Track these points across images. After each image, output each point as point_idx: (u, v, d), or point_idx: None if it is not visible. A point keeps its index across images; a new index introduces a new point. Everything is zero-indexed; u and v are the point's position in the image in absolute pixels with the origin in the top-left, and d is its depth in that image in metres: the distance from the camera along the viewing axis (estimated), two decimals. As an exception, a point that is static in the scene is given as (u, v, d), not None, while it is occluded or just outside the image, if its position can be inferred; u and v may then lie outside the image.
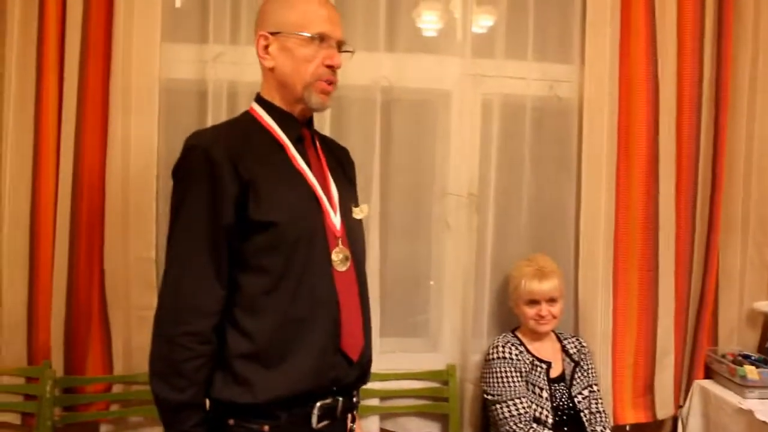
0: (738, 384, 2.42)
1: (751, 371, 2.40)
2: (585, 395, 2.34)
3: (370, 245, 2.33)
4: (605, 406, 2.41)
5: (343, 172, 1.74)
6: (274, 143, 1.57)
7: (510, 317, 2.49)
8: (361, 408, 1.79)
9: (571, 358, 2.38)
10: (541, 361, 2.33)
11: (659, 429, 2.67)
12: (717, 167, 2.55)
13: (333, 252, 1.55)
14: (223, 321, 1.50)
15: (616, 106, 2.47)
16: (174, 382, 1.44)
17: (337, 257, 1.55)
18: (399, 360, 2.49)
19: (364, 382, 1.68)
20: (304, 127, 1.62)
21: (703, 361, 2.61)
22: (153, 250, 2.24)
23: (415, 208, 2.52)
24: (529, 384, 2.29)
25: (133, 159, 2.22)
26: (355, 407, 1.67)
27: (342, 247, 1.57)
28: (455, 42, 2.47)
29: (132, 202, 2.22)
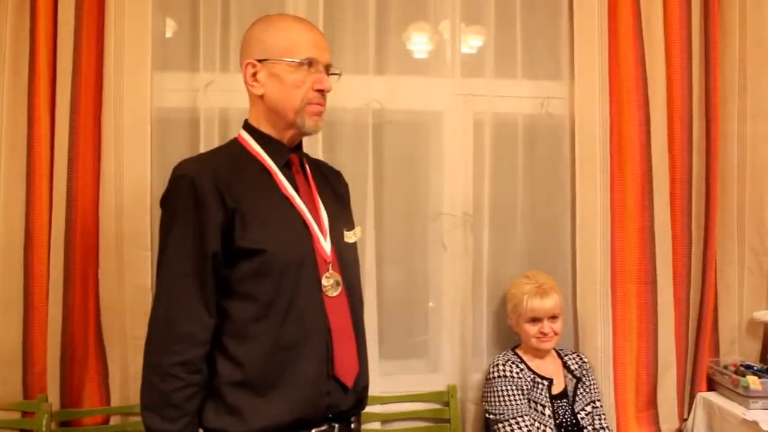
0: (741, 395, 2.40)
1: (754, 381, 2.38)
2: (588, 411, 2.32)
3: (366, 268, 2.33)
4: (608, 421, 2.39)
5: (335, 195, 1.74)
6: (261, 170, 1.57)
7: (509, 335, 2.47)
8: (362, 432, 1.78)
9: (573, 374, 2.37)
10: (543, 378, 2.31)
11: (664, 443, 2.65)
12: (710, 177, 2.55)
13: (323, 277, 1.54)
14: (213, 349, 1.49)
15: (608, 121, 2.48)
16: (165, 413, 1.43)
17: (328, 282, 1.55)
18: (399, 382, 2.47)
19: (361, 409, 1.66)
20: (292, 153, 1.62)
21: (706, 373, 2.59)
22: (148, 278, 2.22)
23: (410, 229, 2.52)
24: (531, 402, 2.27)
25: (126, 188, 2.22)
26: None
27: (333, 272, 1.56)
28: (445, 63, 2.49)
29: (126, 231, 2.21)
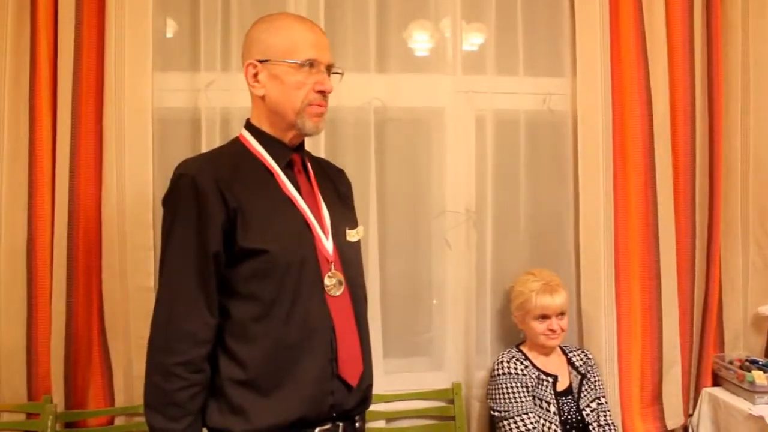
0: (747, 390, 2.40)
1: (760, 376, 2.38)
2: (593, 408, 2.31)
3: (370, 266, 2.33)
4: (614, 418, 2.38)
5: (337, 194, 1.73)
6: (262, 170, 1.57)
7: (513, 332, 2.47)
8: (367, 431, 1.78)
9: (578, 370, 2.36)
10: (548, 374, 2.31)
11: (670, 439, 2.65)
12: (714, 171, 2.55)
13: (326, 277, 1.54)
14: (216, 348, 1.49)
15: (610, 117, 2.48)
16: (168, 412, 1.43)
17: (330, 282, 1.55)
18: (403, 380, 2.47)
19: (366, 408, 1.66)
20: (294, 153, 1.62)
21: (711, 368, 2.58)
22: (151, 279, 2.22)
23: (414, 227, 2.51)
24: (536, 399, 2.26)
25: (128, 188, 2.21)
26: None
27: (335, 271, 1.56)
28: (446, 60, 2.48)
29: (129, 232, 2.21)
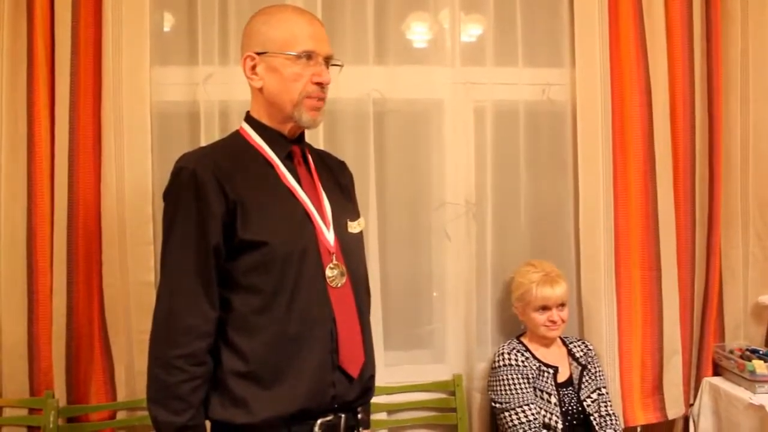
0: (747, 379, 2.40)
1: (760, 366, 2.38)
2: (594, 398, 2.31)
3: (370, 258, 2.32)
4: (615, 408, 2.39)
5: (339, 186, 1.73)
6: (263, 162, 1.57)
7: (514, 324, 2.47)
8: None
9: (578, 361, 2.37)
10: (548, 366, 2.31)
11: (670, 429, 2.65)
12: (714, 161, 2.54)
13: (327, 268, 1.54)
14: (218, 341, 1.49)
15: (610, 107, 2.47)
16: (171, 405, 1.43)
17: (332, 273, 1.55)
18: (404, 372, 2.47)
19: (368, 399, 1.66)
20: (294, 145, 1.62)
21: (711, 358, 2.59)
22: (152, 273, 2.23)
23: (413, 219, 2.51)
24: (537, 390, 2.27)
25: (127, 183, 2.22)
26: (362, 424, 1.65)
27: (337, 262, 1.56)
28: (445, 52, 2.47)
29: (128, 226, 2.22)
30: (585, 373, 2.35)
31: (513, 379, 2.26)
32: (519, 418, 2.21)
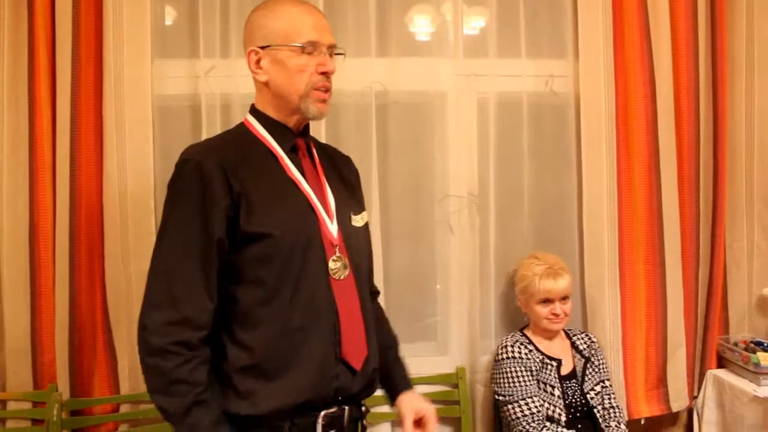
0: (752, 372, 2.40)
1: (765, 358, 2.37)
2: (597, 391, 2.31)
3: (373, 251, 2.31)
4: (618, 400, 2.39)
5: (343, 180, 1.72)
6: (267, 154, 1.56)
7: (517, 316, 2.47)
8: (371, 415, 1.78)
9: (582, 354, 2.36)
10: (552, 358, 2.31)
11: (674, 421, 2.65)
12: (718, 153, 2.53)
13: (330, 260, 1.54)
14: (223, 337, 1.48)
15: (613, 98, 2.46)
16: (173, 390, 1.41)
17: (335, 265, 1.54)
18: (407, 365, 2.47)
19: (371, 391, 1.66)
20: (299, 137, 1.61)
21: (715, 350, 2.58)
22: (154, 266, 2.23)
23: (416, 212, 2.50)
24: (541, 383, 2.26)
25: (129, 176, 2.22)
26: (365, 416, 1.65)
27: (340, 255, 1.55)
28: (448, 44, 2.47)
29: (131, 219, 2.22)
30: (588, 365, 2.34)
31: (516, 371, 2.26)
32: (522, 411, 2.21)
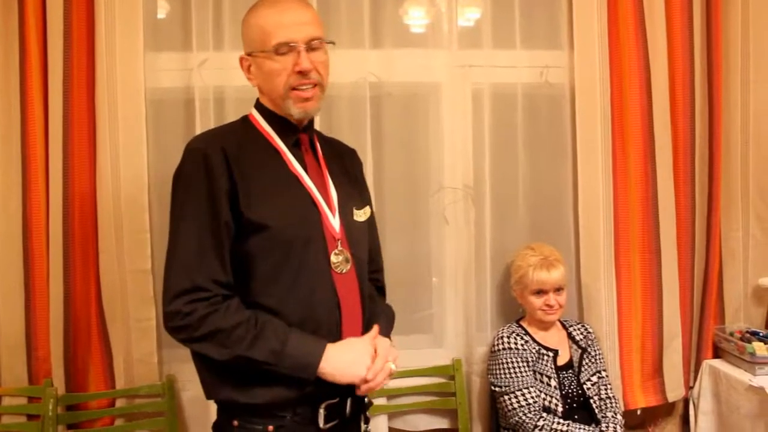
0: (748, 361, 2.40)
1: (760, 348, 2.38)
2: (594, 381, 2.31)
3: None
4: (615, 391, 2.39)
5: (347, 173, 1.73)
6: (269, 148, 1.58)
7: (513, 308, 2.47)
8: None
9: (578, 345, 2.36)
10: (548, 349, 2.31)
11: (670, 411, 2.65)
12: (714, 144, 2.53)
13: (332, 254, 1.55)
14: None
15: (609, 89, 2.45)
16: (232, 340, 1.42)
17: (337, 259, 1.55)
18: (404, 357, 2.41)
19: None
20: (301, 133, 1.62)
21: (711, 341, 2.59)
22: (148, 261, 2.23)
23: (412, 204, 2.50)
24: (537, 373, 2.26)
25: (122, 170, 2.20)
26: (368, 408, 1.66)
27: (342, 248, 1.57)
28: (442, 35, 2.45)
29: (125, 214, 2.21)
30: (585, 356, 2.34)
31: (513, 362, 2.26)
32: (519, 402, 2.21)
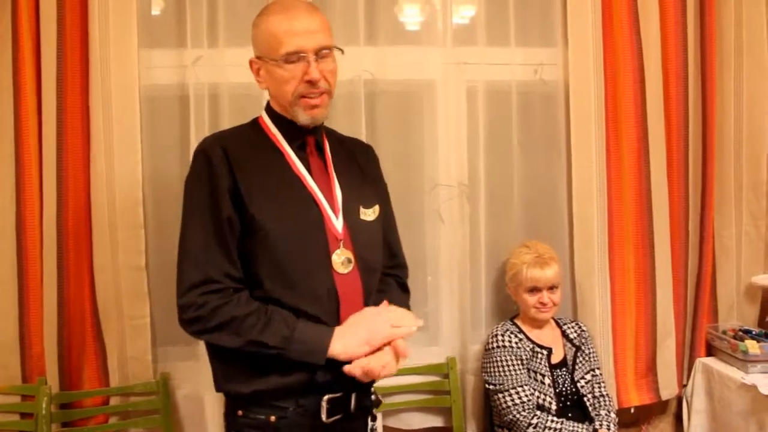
0: (740, 359, 2.41)
1: (753, 346, 2.39)
2: (588, 380, 2.32)
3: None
4: (608, 389, 2.40)
5: (362, 172, 1.74)
6: (274, 150, 1.61)
7: (508, 305, 2.47)
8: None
9: (572, 343, 2.37)
10: (542, 347, 2.31)
11: (664, 409, 2.66)
12: (707, 140, 2.53)
13: (333, 254, 1.56)
14: None
15: (603, 86, 2.46)
16: (244, 328, 1.47)
17: (339, 259, 1.57)
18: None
19: (373, 381, 1.65)
20: (308, 135, 1.64)
21: (704, 339, 2.60)
22: (142, 258, 2.22)
23: (406, 202, 2.48)
24: (531, 371, 2.27)
25: (117, 167, 2.19)
26: (376, 405, 1.67)
27: (344, 249, 1.58)
28: (437, 33, 2.45)
29: (119, 211, 2.20)
30: (579, 354, 2.35)
31: (507, 360, 2.26)
32: (513, 400, 2.21)
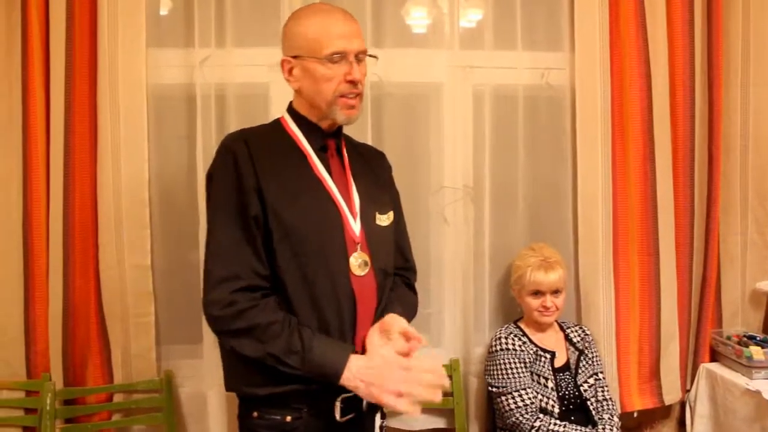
0: (744, 365, 2.40)
1: (757, 352, 2.38)
2: (591, 383, 2.32)
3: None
4: (612, 393, 2.39)
5: (376, 178, 1.77)
6: (296, 151, 1.63)
7: (512, 308, 2.47)
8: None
9: (575, 346, 2.36)
10: (545, 351, 2.31)
11: (667, 414, 2.66)
12: (713, 146, 2.53)
13: (351, 257, 1.59)
14: None
15: (609, 91, 2.46)
16: (268, 335, 1.47)
17: (356, 261, 1.59)
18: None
19: None
20: (330, 138, 1.66)
21: (709, 344, 2.59)
22: (148, 257, 2.24)
23: (411, 204, 2.46)
24: (534, 374, 2.27)
25: (123, 166, 2.21)
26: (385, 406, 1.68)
27: (361, 252, 1.61)
28: (444, 36, 2.46)
29: (125, 210, 2.22)
30: (582, 358, 2.34)
31: (510, 363, 2.26)
32: (516, 402, 2.21)
